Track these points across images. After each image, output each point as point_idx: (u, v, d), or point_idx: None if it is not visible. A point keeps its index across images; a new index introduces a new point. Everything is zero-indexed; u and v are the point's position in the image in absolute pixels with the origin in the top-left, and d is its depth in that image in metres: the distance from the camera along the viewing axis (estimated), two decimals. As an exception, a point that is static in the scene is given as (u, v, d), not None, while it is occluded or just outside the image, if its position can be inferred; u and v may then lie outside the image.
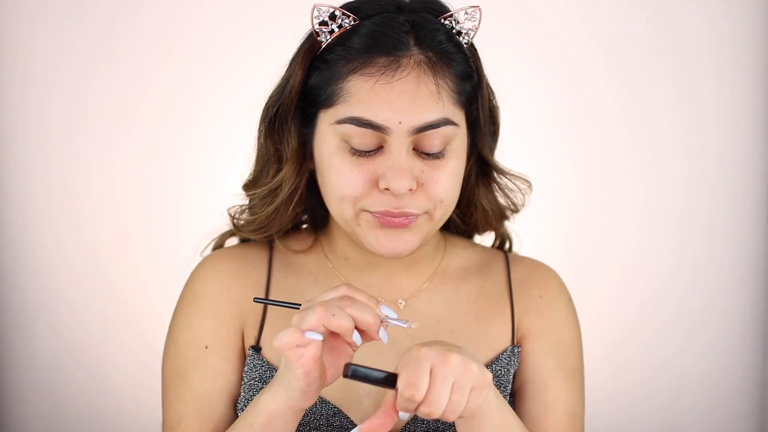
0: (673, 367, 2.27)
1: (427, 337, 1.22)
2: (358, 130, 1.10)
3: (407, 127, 1.09)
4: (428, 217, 1.14)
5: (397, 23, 1.12)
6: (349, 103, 1.10)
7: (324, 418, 1.17)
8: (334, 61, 1.12)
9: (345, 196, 1.12)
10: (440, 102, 1.11)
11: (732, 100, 2.21)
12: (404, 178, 1.09)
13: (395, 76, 1.09)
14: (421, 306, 1.25)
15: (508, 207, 1.31)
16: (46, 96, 2.21)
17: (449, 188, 1.14)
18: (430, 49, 1.12)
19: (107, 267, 2.26)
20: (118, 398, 2.26)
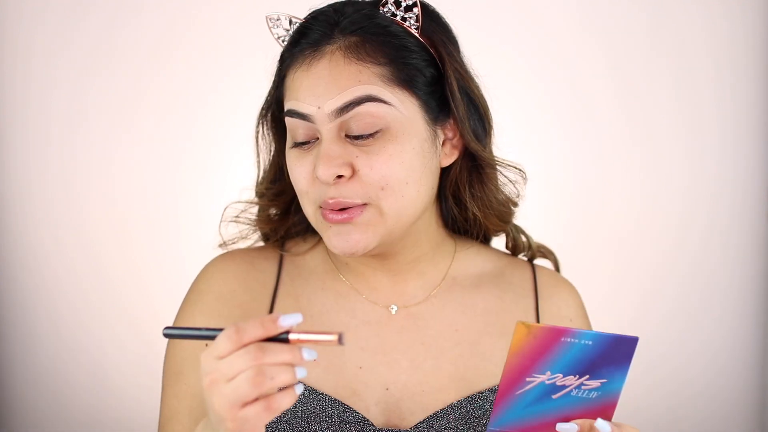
0: (672, 365, 2.27)
1: (443, 345, 1.20)
2: (292, 121, 1.12)
3: (326, 111, 1.09)
4: (376, 209, 1.11)
5: (324, 16, 1.14)
6: (286, 97, 1.14)
7: (335, 416, 1.16)
8: (284, 60, 1.17)
9: (299, 191, 1.14)
10: (361, 81, 1.10)
11: (732, 99, 2.21)
12: (328, 164, 1.08)
13: (313, 63, 1.11)
14: (434, 313, 1.23)
15: (506, 201, 1.26)
16: (46, 96, 2.21)
17: (389, 173, 1.10)
18: (353, 34, 1.12)
19: (107, 267, 2.26)
20: (118, 398, 2.27)
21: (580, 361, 0.92)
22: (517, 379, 0.92)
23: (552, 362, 0.91)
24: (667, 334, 2.27)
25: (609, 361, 0.93)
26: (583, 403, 0.95)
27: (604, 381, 0.94)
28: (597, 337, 0.91)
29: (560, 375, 0.92)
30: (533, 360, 0.91)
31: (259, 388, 0.85)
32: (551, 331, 0.90)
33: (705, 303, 2.27)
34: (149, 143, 2.23)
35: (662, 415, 2.28)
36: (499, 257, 1.31)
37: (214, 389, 0.87)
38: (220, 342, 0.86)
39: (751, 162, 2.23)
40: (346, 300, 1.23)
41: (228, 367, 0.86)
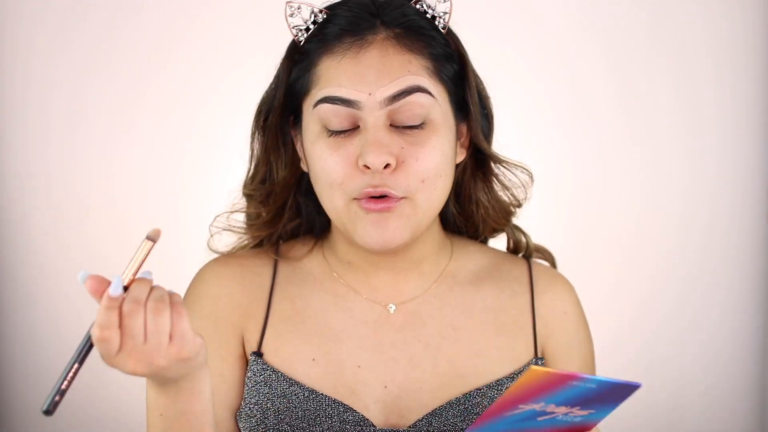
0: (672, 366, 2.27)
1: (442, 343, 1.21)
2: (331, 108, 1.10)
3: (378, 99, 1.09)
4: (411, 203, 1.12)
5: (363, 6, 1.14)
6: (320, 85, 1.12)
7: (336, 416, 1.16)
8: (309, 50, 1.15)
9: (331, 182, 1.11)
10: (411, 71, 1.11)
11: (732, 99, 2.21)
12: (380, 152, 1.08)
13: (360, 51, 1.11)
14: (432, 311, 1.23)
15: (510, 202, 1.28)
16: (46, 96, 2.21)
17: (431, 166, 1.11)
18: (397, 26, 1.13)
19: (107, 267, 2.25)
20: (119, 398, 2.26)
21: (578, 399, 0.92)
22: (509, 406, 0.92)
23: (550, 397, 0.91)
24: (667, 334, 2.27)
25: (605, 400, 0.93)
26: (565, 425, 0.95)
27: (591, 411, 0.94)
28: (602, 383, 0.91)
29: (553, 405, 0.92)
30: (532, 395, 0.91)
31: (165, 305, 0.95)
32: (561, 377, 0.89)
33: (705, 304, 2.27)
34: (149, 143, 2.23)
35: (662, 415, 2.28)
36: (496, 255, 1.32)
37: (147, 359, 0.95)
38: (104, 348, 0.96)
39: (751, 162, 2.23)
40: (344, 300, 1.23)
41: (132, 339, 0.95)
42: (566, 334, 1.26)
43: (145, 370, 0.95)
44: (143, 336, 0.93)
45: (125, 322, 0.94)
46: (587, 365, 1.26)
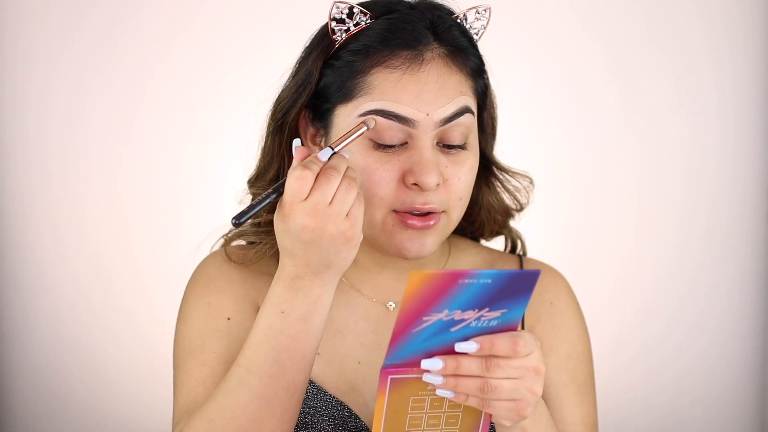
0: (673, 366, 2.27)
1: None
2: (384, 122, 1.09)
3: (435, 119, 1.10)
4: (447, 217, 1.14)
5: (416, 18, 1.13)
6: (372, 95, 1.10)
7: (339, 419, 1.17)
8: (352, 56, 1.13)
9: (373, 197, 1.11)
10: (462, 92, 1.12)
11: (732, 99, 2.21)
12: (433, 172, 1.09)
13: (420, 68, 1.10)
14: None
15: (513, 206, 1.31)
16: (46, 96, 2.21)
17: (467, 185, 1.14)
18: (448, 44, 1.13)
19: (108, 267, 2.26)
20: (119, 398, 2.26)
21: (480, 298, 0.90)
22: (412, 320, 0.90)
23: (450, 302, 0.89)
24: (669, 339, 2.27)
25: (509, 295, 0.90)
26: (483, 331, 0.93)
27: (504, 311, 0.92)
28: (496, 276, 0.88)
29: (458, 311, 0.90)
30: (429, 302, 0.89)
31: (355, 189, 1.01)
32: (446, 276, 0.87)
33: (706, 307, 2.26)
34: (149, 143, 2.23)
35: (662, 419, 2.28)
36: (490, 253, 1.33)
37: (324, 218, 0.99)
38: (297, 185, 0.99)
39: (751, 162, 2.23)
40: (346, 297, 1.23)
41: (321, 195, 0.99)
42: (551, 323, 1.26)
43: (312, 231, 0.99)
44: (330, 198, 0.99)
45: (320, 181, 1.00)
46: (576, 354, 1.25)
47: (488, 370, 0.93)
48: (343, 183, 0.99)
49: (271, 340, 1.02)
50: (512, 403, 0.95)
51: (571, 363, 1.24)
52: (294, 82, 1.18)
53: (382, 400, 0.95)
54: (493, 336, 0.93)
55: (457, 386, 0.93)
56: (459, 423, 0.98)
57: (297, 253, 1.01)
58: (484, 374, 0.93)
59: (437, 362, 0.93)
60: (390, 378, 0.94)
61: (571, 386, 1.23)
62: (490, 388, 0.93)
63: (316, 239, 0.99)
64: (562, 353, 1.24)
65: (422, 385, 0.95)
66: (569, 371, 1.23)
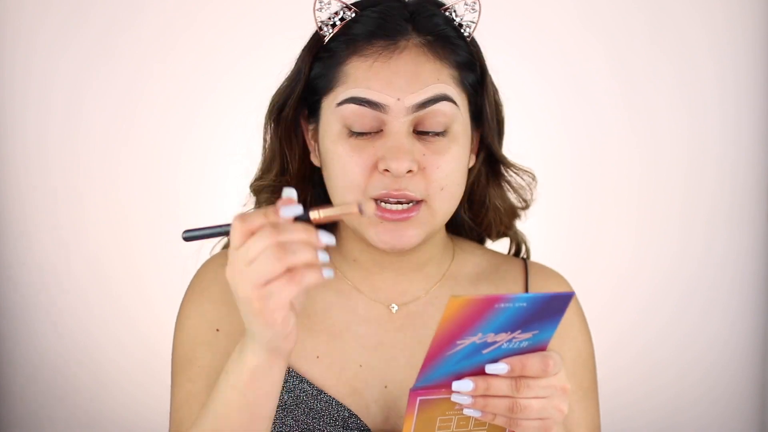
0: (673, 367, 2.27)
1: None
2: (357, 109, 1.10)
3: (406, 105, 1.10)
4: (428, 208, 1.12)
5: (396, 10, 1.15)
6: (347, 84, 1.12)
7: (340, 420, 1.17)
8: (336, 47, 1.14)
9: (349, 184, 1.11)
10: (440, 80, 1.11)
11: (733, 99, 2.21)
12: (403, 158, 1.08)
13: (393, 56, 1.11)
14: (433, 312, 1.23)
15: (519, 204, 1.30)
16: (46, 96, 2.22)
17: (450, 174, 1.12)
18: (429, 34, 1.14)
19: (107, 267, 2.26)
20: (118, 398, 2.27)
21: (514, 321, 0.90)
22: (446, 344, 0.90)
23: (484, 326, 0.89)
24: (669, 340, 2.27)
25: (542, 317, 0.91)
26: (513, 352, 0.93)
27: (535, 332, 0.92)
28: (531, 299, 0.88)
29: (492, 334, 0.90)
30: (464, 327, 0.88)
31: (281, 261, 0.86)
32: (484, 301, 0.87)
33: (706, 307, 2.27)
34: (150, 144, 2.23)
35: (662, 420, 2.28)
36: (494, 255, 1.33)
37: (236, 275, 0.88)
38: (232, 234, 0.88)
39: (751, 162, 2.23)
40: (347, 298, 1.23)
41: (245, 251, 0.87)
42: (559, 329, 1.25)
43: (230, 283, 0.90)
44: (252, 257, 0.87)
45: (253, 236, 0.88)
46: (581, 360, 1.25)
47: (518, 390, 0.93)
48: (272, 249, 0.87)
49: (215, 398, 1.00)
50: (540, 422, 0.95)
51: (578, 369, 1.24)
52: (287, 78, 1.20)
53: (410, 421, 0.95)
54: (523, 357, 0.93)
55: (486, 406, 0.94)
56: None
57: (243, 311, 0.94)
58: (513, 394, 0.93)
59: (468, 384, 0.93)
60: (419, 399, 0.94)
61: (578, 392, 1.23)
62: (519, 407, 0.93)
63: (234, 296, 0.91)
64: (568, 359, 1.24)
65: (450, 405, 0.95)
66: (575, 377, 1.23)
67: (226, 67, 2.19)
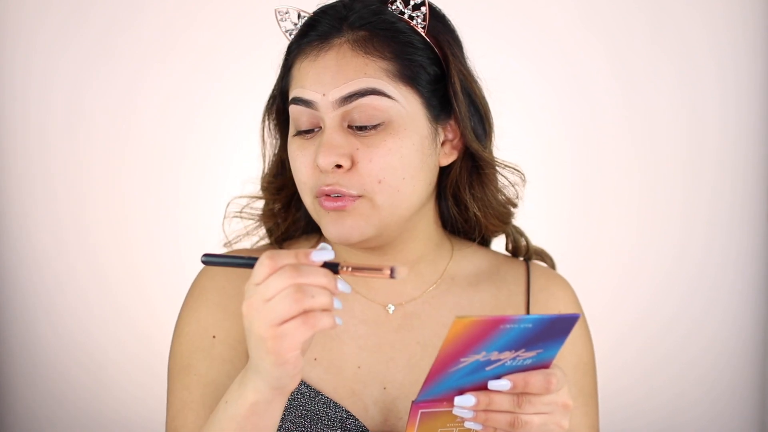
0: (673, 367, 2.27)
1: (439, 344, 1.20)
2: (296, 109, 1.14)
3: (330, 99, 1.11)
4: (368, 202, 1.12)
5: (333, 10, 1.17)
6: (292, 85, 1.16)
7: (338, 421, 1.17)
8: (290, 53, 1.19)
9: (299, 182, 1.15)
10: (367, 74, 1.12)
11: (733, 99, 2.21)
12: (329, 153, 1.09)
13: (320, 54, 1.13)
14: (430, 312, 1.23)
15: (506, 202, 1.28)
16: (46, 96, 2.22)
17: (386, 167, 1.11)
18: (361, 29, 1.14)
19: (107, 267, 2.26)
20: (119, 398, 2.27)
21: (518, 341, 0.90)
22: (450, 361, 0.90)
23: (489, 345, 0.90)
24: (669, 340, 2.27)
25: (547, 337, 0.91)
26: (517, 369, 0.94)
27: (539, 351, 0.93)
28: (537, 321, 0.89)
29: (496, 352, 0.91)
30: (469, 346, 0.89)
31: (299, 303, 0.88)
32: (489, 322, 0.87)
33: (706, 304, 2.27)
34: (150, 143, 2.23)
35: (662, 420, 2.28)
36: (495, 256, 1.32)
37: (253, 312, 0.90)
38: (257, 269, 0.90)
39: (751, 161, 2.23)
40: (344, 299, 1.23)
41: (265, 288, 0.89)
42: None
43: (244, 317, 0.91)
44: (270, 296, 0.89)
45: (274, 274, 0.90)
46: (583, 364, 1.25)
47: (519, 406, 0.94)
48: (291, 290, 0.89)
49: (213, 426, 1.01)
50: None
51: (579, 373, 1.24)
52: (277, 80, 1.24)
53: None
54: (526, 374, 0.94)
55: (488, 420, 0.95)
56: None
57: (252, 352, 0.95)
58: (515, 410, 0.94)
59: (470, 399, 0.94)
60: (420, 412, 0.95)
61: (579, 397, 1.23)
62: (520, 423, 0.94)
63: (247, 331, 0.92)
64: (570, 364, 1.24)
65: (451, 417, 0.96)
66: (577, 382, 1.23)
67: (226, 67, 2.19)
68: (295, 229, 1.31)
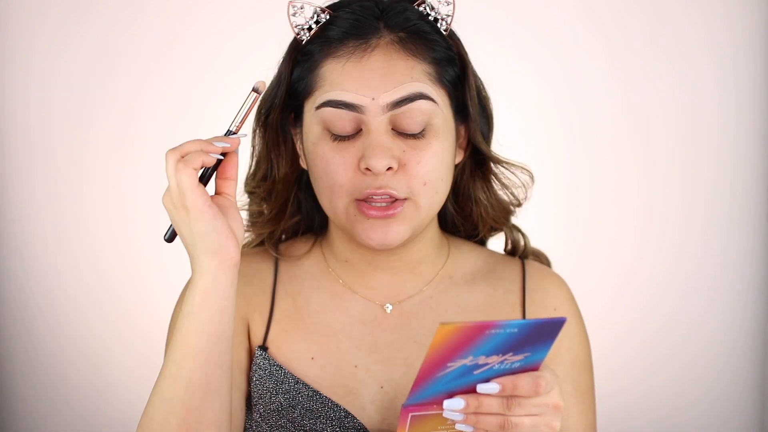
0: (673, 367, 2.27)
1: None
2: (335, 112, 1.11)
3: (381, 103, 1.10)
4: (413, 204, 1.13)
5: (367, 9, 1.15)
6: (324, 87, 1.12)
7: (336, 419, 1.17)
8: (312, 52, 1.15)
9: (333, 185, 1.12)
10: (414, 78, 1.11)
11: (732, 99, 2.21)
12: (382, 155, 1.09)
13: (365, 55, 1.11)
14: (427, 312, 1.24)
15: (510, 201, 1.29)
16: (46, 96, 2.22)
17: (432, 169, 1.12)
18: (401, 30, 1.13)
19: (108, 266, 2.26)
20: (120, 397, 2.27)
21: (505, 345, 0.90)
22: (437, 367, 0.91)
23: (475, 350, 0.90)
24: (668, 340, 2.27)
25: (534, 341, 0.91)
26: (505, 372, 0.94)
27: (527, 354, 0.93)
28: (523, 325, 0.89)
29: (483, 357, 0.91)
30: (455, 351, 0.89)
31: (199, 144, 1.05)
32: (474, 328, 0.87)
33: (706, 303, 2.27)
34: (150, 142, 2.23)
35: (662, 420, 2.28)
36: (491, 255, 1.32)
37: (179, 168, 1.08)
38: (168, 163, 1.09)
39: (751, 161, 2.23)
40: (341, 299, 1.23)
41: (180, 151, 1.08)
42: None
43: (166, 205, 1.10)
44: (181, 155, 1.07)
45: None
46: (579, 362, 1.25)
47: (509, 408, 0.94)
48: (170, 154, 1.09)
49: (175, 334, 1.04)
50: None
51: (575, 371, 1.24)
52: (271, 83, 1.21)
53: None
54: (515, 377, 0.94)
55: (478, 422, 0.95)
56: None
57: None
58: (505, 412, 0.94)
59: (459, 402, 0.94)
60: (410, 416, 0.95)
61: (575, 395, 1.23)
62: (510, 425, 0.94)
63: (169, 213, 1.08)
64: (566, 362, 1.24)
65: (441, 420, 0.96)
66: (573, 380, 1.23)
67: (226, 67, 2.19)
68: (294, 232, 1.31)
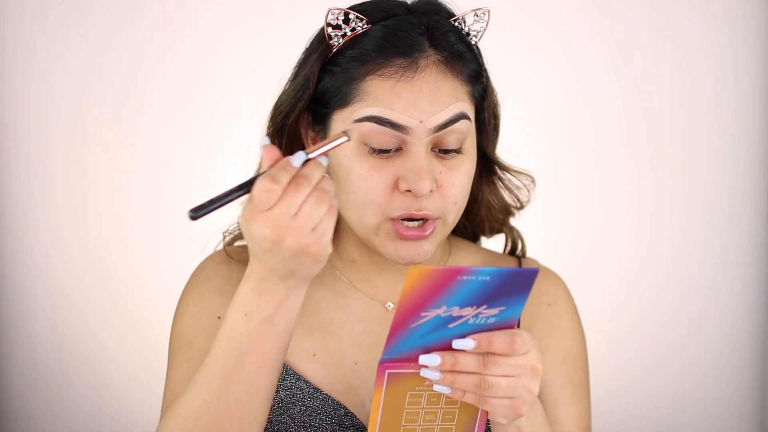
0: (673, 367, 2.27)
1: None
2: (378, 128, 1.09)
3: (428, 126, 1.09)
4: (442, 221, 1.14)
5: (411, 25, 1.13)
6: (367, 102, 1.10)
7: (336, 417, 1.17)
8: (348, 62, 1.13)
9: (369, 202, 1.11)
10: (457, 98, 1.12)
11: (733, 98, 2.21)
12: (426, 178, 1.09)
13: (414, 76, 1.10)
14: None
15: (513, 204, 1.31)
16: (46, 96, 2.22)
17: (462, 190, 1.14)
18: (444, 50, 1.13)
19: (108, 266, 2.26)
20: (120, 398, 2.27)
21: (478, 295, 0.90)
22: (410, 316, 0.90)
23: (448, 298, 0.90)
24: (668, 340, 2.27)
25: (508, 293, 0.91)
26: (481, 328, 0.94)
27: (502, 308, 0.93)
28: (495, 273, 0.89)
29: (456, 307, 0.91)
30: (427, 298, 0.89)
31: (326, 201, 0.94)
32: (445, 273, 0.87)
33: (706, 304, 2.27)
34: (150, 143, 2.23)
35: (662, 420, 2.28)
36: (489, 254, 1.34)
37: (283, 232, 0.93)
38: (263, 196, 0.92)
39: (751, 161, 2.23)
40: (344, 297, 1.24)
41: (287, 207, 0.92)
42: (548, 324, 1.26)
43: (272, 242, 0.94)
44: (296, 210, 0.93)
45: (289, 191, 0.93)
46: (572, 356, 1.26)
47: (485, 367, 0.93)
48: (313, 195, 0.93)
49: (233, 342, 1.01)
50: (508, 400, 0.95)
51: (567, 365, 1.24)
52: (293, 86, 1.18)
53: (379, 394, 0.96)
54: (490, 333, 0.93)
55: (454, 382, 0.94)
56: (456, 419, 0.99)
57: (260, 257, 0.97)
58: (481, 371, 0.94)
59: (435, 358, 0.94)
60: (387, 372, 0.95)
61: (567, 388, 1.23)
62: (486, 384, 0.94)
63: (276, 249, 0.94)
64: (558, 355, 1.24)
65: (419, 381, 0.95)
66: (565, 373, 1.24)
67: (227, 67, 2.19)
68: None
